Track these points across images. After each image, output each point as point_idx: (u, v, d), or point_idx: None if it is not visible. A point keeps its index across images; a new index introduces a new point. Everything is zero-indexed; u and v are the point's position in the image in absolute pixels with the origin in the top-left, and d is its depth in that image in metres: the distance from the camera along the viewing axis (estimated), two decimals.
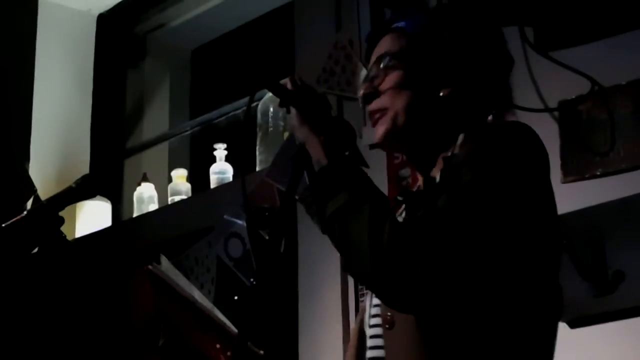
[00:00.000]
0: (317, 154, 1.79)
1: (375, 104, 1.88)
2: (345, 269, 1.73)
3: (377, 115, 1.88)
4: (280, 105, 1.85)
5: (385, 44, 1.92)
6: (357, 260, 1.68)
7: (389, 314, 1.82)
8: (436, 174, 1.83)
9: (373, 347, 1.88)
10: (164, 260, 2.23)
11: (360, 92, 1.90)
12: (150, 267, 2.16)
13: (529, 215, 1.71)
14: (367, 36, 1.98)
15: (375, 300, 1.88)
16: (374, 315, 1.88)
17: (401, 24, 1.93)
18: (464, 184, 1.68)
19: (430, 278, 1.62)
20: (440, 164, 1.85)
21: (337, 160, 1.77)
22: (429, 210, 1.68)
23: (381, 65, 1.89)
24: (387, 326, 1.82)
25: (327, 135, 1.80)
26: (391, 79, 1.88)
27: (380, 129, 1.88)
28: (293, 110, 1.84)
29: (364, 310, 1.96)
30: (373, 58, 1.93)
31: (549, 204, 1.78)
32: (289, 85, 1.83)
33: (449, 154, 1.82)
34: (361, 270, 1.69)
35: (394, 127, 1.86)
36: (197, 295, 2.24)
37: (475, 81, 1.87)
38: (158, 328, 2.38)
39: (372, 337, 1.89)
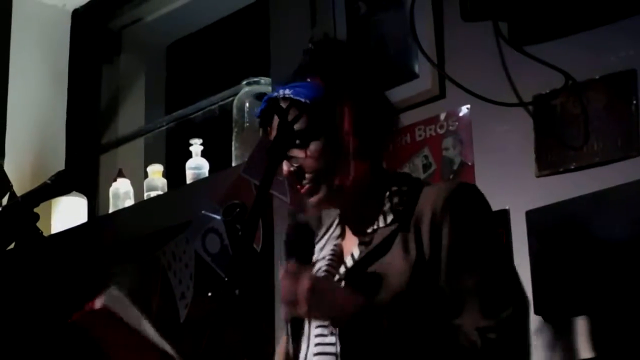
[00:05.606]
0: None
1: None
2: None
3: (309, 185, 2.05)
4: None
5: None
6: None
7: None
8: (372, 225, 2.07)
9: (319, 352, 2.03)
10: (113, 290, 2.23)
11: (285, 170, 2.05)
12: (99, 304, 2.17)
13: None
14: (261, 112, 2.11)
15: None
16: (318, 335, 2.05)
17: (296, 95, 2.04)
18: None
19: None
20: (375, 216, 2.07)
21: None
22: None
23: None
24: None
25: None
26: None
27: (315, 198, 2.05)
28: None
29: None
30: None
31: None
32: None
33: (388, 207, 2.06)
34: None
35: (328, 191, 2.05)
36: (144, 323, 2.24)
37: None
38: None
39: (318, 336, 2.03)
